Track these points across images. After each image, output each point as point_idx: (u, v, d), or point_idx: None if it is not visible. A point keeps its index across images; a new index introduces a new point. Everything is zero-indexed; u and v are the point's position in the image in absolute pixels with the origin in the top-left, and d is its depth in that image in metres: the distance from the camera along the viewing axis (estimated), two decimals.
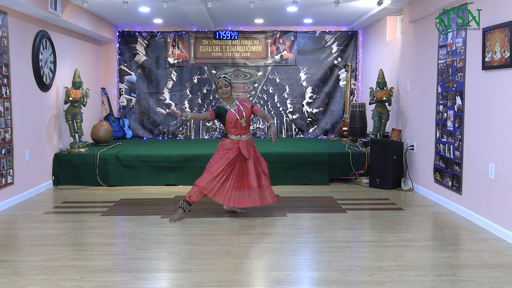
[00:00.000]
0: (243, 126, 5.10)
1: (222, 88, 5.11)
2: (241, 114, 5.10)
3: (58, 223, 5.02)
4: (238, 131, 5.10)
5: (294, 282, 3.40)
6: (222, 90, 5.11)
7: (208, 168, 5.06)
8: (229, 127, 5.11)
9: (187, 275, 3.48)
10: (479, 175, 4.77)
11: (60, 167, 6.82)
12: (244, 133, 5.13)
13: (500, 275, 3.48)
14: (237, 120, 5.07)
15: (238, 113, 5.10)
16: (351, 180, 7.04)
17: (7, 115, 5.54)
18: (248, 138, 5.16)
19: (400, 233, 4.52)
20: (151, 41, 9.09)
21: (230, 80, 5.18)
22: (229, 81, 5.15)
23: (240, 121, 5.08)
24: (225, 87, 5.11)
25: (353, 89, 9.24)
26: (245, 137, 5.13)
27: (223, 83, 5.11)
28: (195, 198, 4.96)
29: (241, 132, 5.11)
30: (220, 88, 5.12)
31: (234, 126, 5.08)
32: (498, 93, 4.45)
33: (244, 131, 5.13)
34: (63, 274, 3.50)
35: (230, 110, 5.10)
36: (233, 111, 5.10)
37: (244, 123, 5.11)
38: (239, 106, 5.16)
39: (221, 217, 5.13)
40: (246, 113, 5.13)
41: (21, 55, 5.94)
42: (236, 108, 5.13)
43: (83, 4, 6.62)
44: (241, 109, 5.13)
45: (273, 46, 9.20)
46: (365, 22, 8.19)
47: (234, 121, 5.07)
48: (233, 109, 5.11)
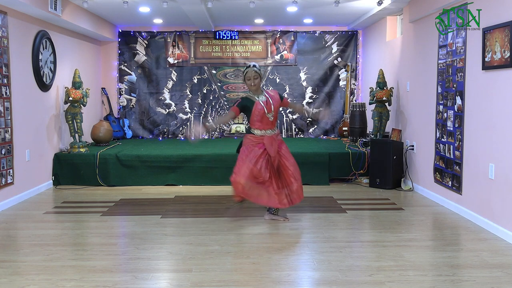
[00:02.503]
0: (269, 120, 4.72)
1: (251, 79, 4.69)
2: (269, 107, 4.71)
3: (58, 223, 5.02)
4: (264, 125, 4.72)
5: (294, 282, 3.40)
6: (250, 82, 4.69)
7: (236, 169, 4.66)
8: (254, 121, 4.72)
9: (187, 275, 3.48)
10: (479, 175, 4.77)
11: (60, 167, 6.82)
12: (269, 128, 4.75)
13: (500, 275, 3.48)
14: (264, 114, 4.68)
15: (267, 105, 4.70)
16: (351, 180, 7.04)
17: (7, 115, 5.54)
18: (273, 133, 4.77)
19: (400, 233, 4.52)
20: (151, 41, 9.09)
21: (260, 71, 4.74)
22: (259, 73, 4.71)
23: (268, 115, 4.70)
24: (254, 79, 4.69)
25: (353, 89, 9.24)
26: (270, 133, 4.75)
27: (252, 75, 4.68)
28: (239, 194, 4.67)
29: (266, 127, 4.72)
30: (249, 79, 4.69)
31: (260, 120, 4.70)
32: (498, 93, 4.44)
33: (269, 126, 4.74)
34: (63, 274, 3.50)
35: (258, 102, 4.70)
36: (261, 102, 4.70)
37: (271, 117, 4.72)
38: (268, 98, 4.75)
39: (221, 217, 5.13)
40: (275, 106, 4.75)
41: (21, 55, 5.94)
42: (265, 100, 4.73)
43: (83, 4, 6.62)
44: (270, 102, 4.73)
45: (273, 46, 9.20)
46: (365, 22, 8.19)
47: (261, 114, 4.68)
48: (262, 101, 4.71)
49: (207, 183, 6.87)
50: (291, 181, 4.73)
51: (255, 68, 4.70)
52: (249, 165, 4.59)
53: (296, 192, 4.75)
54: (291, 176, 4.74)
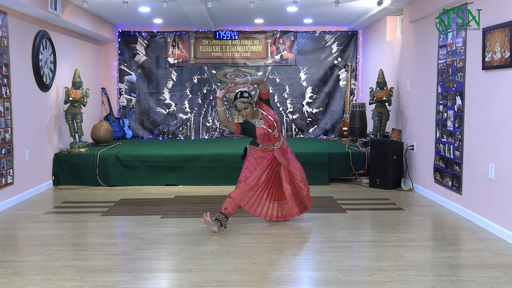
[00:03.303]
0: (275, 136, 4.65)
1: (241, 111, 4.49)
2: (272, 126, 4.59)
3: (58, 223, 5.02)
4: (272, 142, 4.65)
5: (294, 282, 3.40)
6: (242, 113, 4.51)
7: (241, 178, 4.61)
8: (261, 140, 4.63)
9: (187, 275, 3.48)
10: (479, 175, 4.77)
11: (60, 167, 6.82)
12: (277, 140, 4.68)
13: (500, 275, 3.48)
14: (269, 134, 4.59)
15: (269, 126, 4.58)
16: (351, 180, 7.04)
17: (7, 115, 5.54)
18: (281, 144, 4.72)
19: (400, 233, 4.52)
20: (151, 41, 9.09)
21: (249, 97, 4.48)
22: (248, 101, 4.46)
23: (273, 133, 4.61)
24: (244, 109, 4.48)
25: (353, 89, 9.24)
26: (278, 144, 4.69)
27: (242, 106, 4.46)
28: (231, 209, 4.54)
29: (274, 141, 4.66)
30: (240, 111, 4.49)
31: (267, 139, 4.62)
32: (498, 93, 4.44)
33: (277, 139, 4.68)
34: (63, 274, 3.50)
35: (260, 127, 4.56)
36: (264, 126, 4.57)
37: (276, 133, 4.64)
38: (266, 117, 4.58)
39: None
40: (275, 119, 4.62)
41: (21, 55, 5.94)
42: (263, 121, 4.58)
43: (83, 4, 6.62)
44: (271, 120, 4.59)
45: (273, 46, 9.20)
46: (365, 22, 8.19)
47: (267, 135, 4.59)
48: (262, 125, 4.57)
49: (207, 183, 6.87)
50: (300, 187, 4.76)
51: (243, 98, 4.45)
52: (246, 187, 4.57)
53: (307, 196, 4.80)
54: (299, 181, 4.76)
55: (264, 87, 4.70)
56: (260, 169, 4.62)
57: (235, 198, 4.55)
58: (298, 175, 4.76)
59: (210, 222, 4.47)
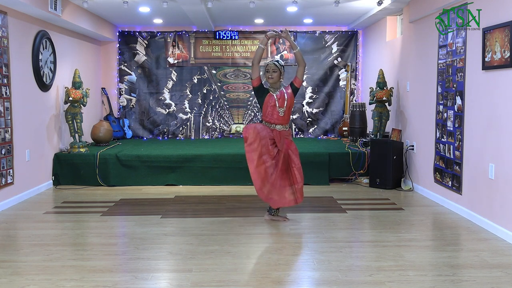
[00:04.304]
0: (280, 115, 4.73)
1: (269, 72, 4.75)
2: (282, 101, 4.72)
3: (58, 223, 5.02)
4: (274, 119, 4.73)
5: (294, 282, 3.41)
6: (269, 74, 4.75)
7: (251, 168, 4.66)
8: (265, 112, 4.77)
9: (187, 275, 3.48)
10: (479, 175, 4.77)
11: (60, 167, 6.82)
12: (280, 123, 4.75)
13: (500, 275, 3.48)
14: (274, 106, 4.71)
15: (279, 99, 4.72)
16: (351, 180, 7.04)
17: (7, 115, 5.54)
18: (283, 129, 4.77)
19: (400, 233, 4.52)
20: (151, 41, 9.09)
21: (280, 66, 4.79)
22: (279, 67, 4.76)
23: (278, 109, 4.72)
24: (273, 72, 4.75)
25: (353, 89, 9.24)
26: (280, 128, 4.76)
27: (271, 67, 4.75)
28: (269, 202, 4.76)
29: (277, 121, 4.73)
30: (268, 71, 4.76)
31: (270, 112, 4.73)
32: (498, 93, 4.44)
33: (280, 121, 4.74)
34: (63, 274, 3.50)
35: (272, 94, 4.75)
36: (275, 95, 4.74)
37: (282, 112, 4.72)
38: (283, 92, 4.76)
39: (221, 217, 5.13)
40: (288, 103, 4.75)
41: (21, 55, 5.94)
42: (279, 93, 4.76)
43: (83, 4, 6.62)
44: (284, 97, 4.74)
45: (273, 46, 9.20)
46: (365, 22, 8.19)
47: (272, 106, 4.72)
48: (276, 94, 4.75)
49: (207, 183, 6.87)
50: (297, 179, 4.77)
51: (276, 62, 4.79)
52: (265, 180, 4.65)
53: (299, 191, 4.79)
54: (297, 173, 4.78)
55: (302, 72, 4.85)
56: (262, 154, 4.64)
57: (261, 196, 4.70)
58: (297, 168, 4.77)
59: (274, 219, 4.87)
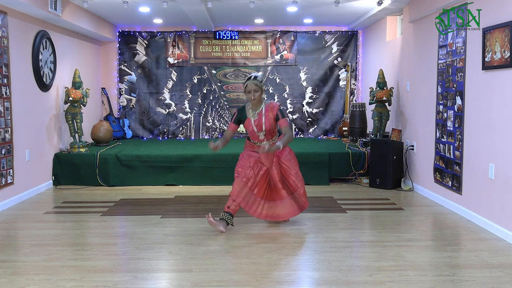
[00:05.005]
0: (260, 138, 4.58)
1: (251, 92, 4.44)
2: (260, 127, 4.50)
3: (58, 223, 5.02)
4: (258, 139, 4.60)
5: (294, 282, 3.40)
6: (250, 95, 4.45)
7: (235, 174, 4.58)
8: (248, 132, 4.65)
9: (187, 275, 3.48)
10: (479, 175, 4.77)
11: (60, 167, 6.82)
12: (264, 140, 4.58)
13: (500, 275, 3.48)
14: (253, 132, 4.56)
15: (257, 126, 4.50)
16: (351, 180, 7.04)
17: (7, 115, 5.54)
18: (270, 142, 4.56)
19: (400, 233, 4.52)
20: (151, 41, 9.09)
21: (261, 83, 4.47)
22: (260, 86, 4.44)
23: (257, 134, 4.54)
24: (254, 92, 4.43)
25: (353, 89, 9.24)
26: (265, 144, 4.52)
27: (252, 88, 4.42)
28: (234, 207, 4.50)
29: (261, 140, 4.59)
30: (249, 92, 4.44)
31: (252, 134, 4.60)
32: (498, 93, 4.44)
33: (263, 139, 4.59)
34: (63, 274, 3.50)
35: (250, 119, 4.52)
36: (252, 121, 4.51)
37: (262, 135, 4.55)
38: (261, 115, 4.49)
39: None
40: (267, 126, 4.49)
41: (21, 55, 5.94)
42: (257, 118, 4.50)
43: (83, 4, 6.62)
44: (261, 122, 4.48)
45: (273, 46, 9.20)
46: (365, 22, 8.19)
47: (250, 131, 4.58)
48: (253, 119, 4.51)
49: (207, 183, 6.87)
50: (296, 185, 4.64)
51: (256, 80, 4.44)
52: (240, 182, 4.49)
53: (303, 195, 4.68)
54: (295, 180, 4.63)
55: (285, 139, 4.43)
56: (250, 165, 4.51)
57: (234, 198, 4.49)
58: (293, 174, 4.63)
59: (213, 222, 4.46)
